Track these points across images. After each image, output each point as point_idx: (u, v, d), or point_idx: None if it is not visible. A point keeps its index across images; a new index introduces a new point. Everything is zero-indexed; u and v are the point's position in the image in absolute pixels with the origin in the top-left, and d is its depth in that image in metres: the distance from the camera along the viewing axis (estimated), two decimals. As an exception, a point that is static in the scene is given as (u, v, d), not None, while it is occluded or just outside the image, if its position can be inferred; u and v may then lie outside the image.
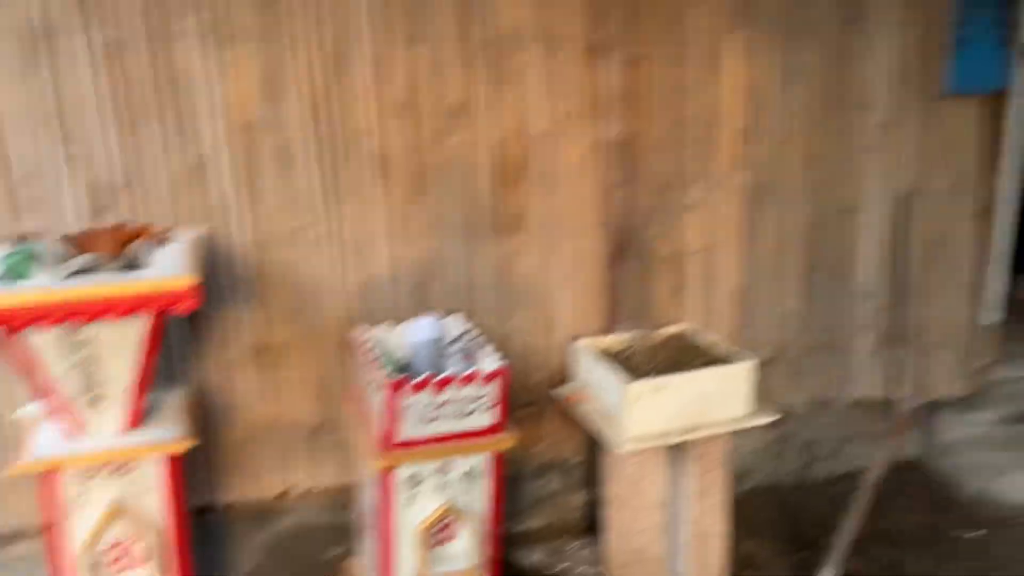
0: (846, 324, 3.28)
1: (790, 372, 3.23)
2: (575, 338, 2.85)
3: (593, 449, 2.97)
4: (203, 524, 2.72)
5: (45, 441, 2.18)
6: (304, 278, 2.68)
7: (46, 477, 2.14)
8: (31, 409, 2.29)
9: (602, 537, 2.78)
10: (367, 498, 2.54)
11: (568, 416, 2.92)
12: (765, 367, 3.15)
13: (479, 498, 2.41)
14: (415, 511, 2.37)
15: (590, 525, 3.07)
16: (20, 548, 2.64)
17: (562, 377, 2.92)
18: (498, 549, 2.50)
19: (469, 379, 2.28)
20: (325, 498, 2.84)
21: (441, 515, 2.37)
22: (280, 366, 2.72)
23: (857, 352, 3.31)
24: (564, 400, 2.81)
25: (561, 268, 2.90)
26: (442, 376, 2.26)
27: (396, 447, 2.28)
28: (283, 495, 2.82)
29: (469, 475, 2.38)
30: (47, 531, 2.21)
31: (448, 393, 2.27)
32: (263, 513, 2.81)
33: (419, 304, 2.76)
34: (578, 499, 3.13)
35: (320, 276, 2.69)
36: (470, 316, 2.79)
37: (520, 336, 2.91)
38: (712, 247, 3.04)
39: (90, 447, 2.15)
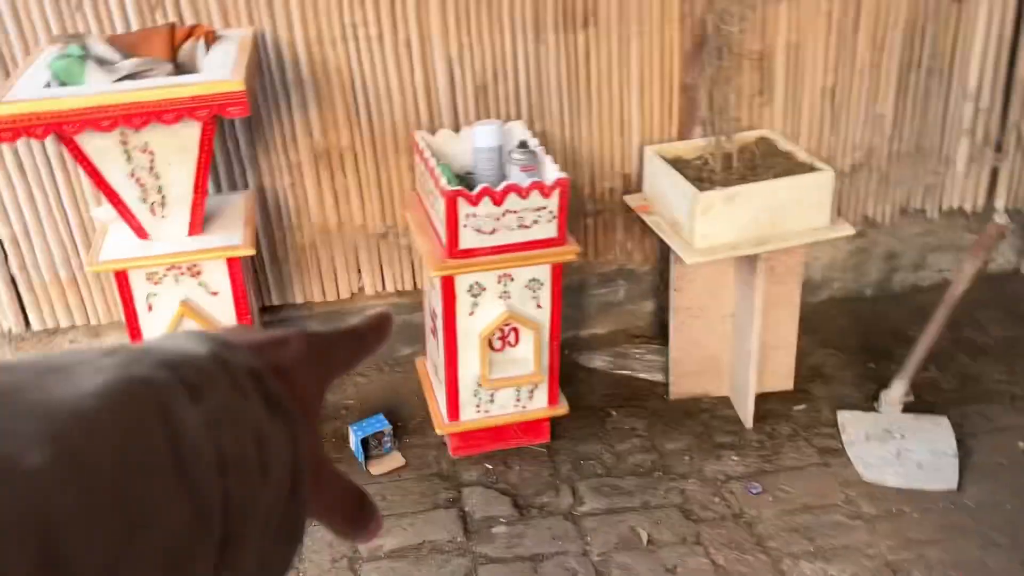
0: (944, 128, 3.03)
1: (878, 180, 3.05)
2: (646, 143, 2.72)
3: (664, 258, 2.90)
4: (279, 320, 2.81)
5: (115, 243, 2.22)
6: (361, 80, 2.58)
7: (118, 277, 2.20)
8: (105, 209, 2.29)
9: (668, 345, 2.77)
10: (431, 303, 2.56)
11: (638, 225, 2.84)
12: (851, 175, 2.98)
13: (541, 307, 2.40)
14: (478, 318, 2.37)
15: (657, 333, 3.06)
16: (109, 340, 2.79)
17: (634, 184, 2.82)
18: (558, 356, 2.51)
19: (530, 190, 2.21)
20: (395, 300, 2.88)
21: (502, 322, 2.37)
22: (342, 171, 2.68)
23: (952, 159, 3.08)
24: (635, 209, 2.72)
25: (634, 67, 2.72)
26: (503, 187, 2.19)
27: (457, 256, 2.25)
28: (354, 297, 2.87)
29: (531, 285, 2.36)
30: (128, 326, 2.29)
31: (508, 204, 2.21)
32: (336, 312, 2.87)
33: (481, 108, 2.65)
34: (646, 307, 3.10)
35: (377, 78, 2.58)
36: (536, 120, 2.68)
37: (589, 141, 2.78)
38: (801, 43, 2.80)
39: (155, 251, 2.18)
